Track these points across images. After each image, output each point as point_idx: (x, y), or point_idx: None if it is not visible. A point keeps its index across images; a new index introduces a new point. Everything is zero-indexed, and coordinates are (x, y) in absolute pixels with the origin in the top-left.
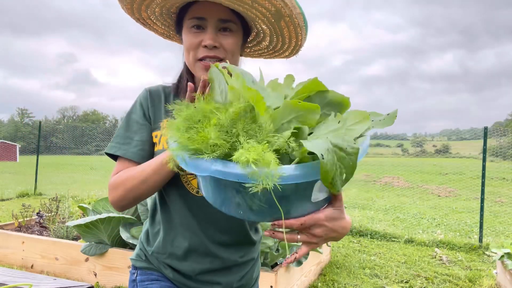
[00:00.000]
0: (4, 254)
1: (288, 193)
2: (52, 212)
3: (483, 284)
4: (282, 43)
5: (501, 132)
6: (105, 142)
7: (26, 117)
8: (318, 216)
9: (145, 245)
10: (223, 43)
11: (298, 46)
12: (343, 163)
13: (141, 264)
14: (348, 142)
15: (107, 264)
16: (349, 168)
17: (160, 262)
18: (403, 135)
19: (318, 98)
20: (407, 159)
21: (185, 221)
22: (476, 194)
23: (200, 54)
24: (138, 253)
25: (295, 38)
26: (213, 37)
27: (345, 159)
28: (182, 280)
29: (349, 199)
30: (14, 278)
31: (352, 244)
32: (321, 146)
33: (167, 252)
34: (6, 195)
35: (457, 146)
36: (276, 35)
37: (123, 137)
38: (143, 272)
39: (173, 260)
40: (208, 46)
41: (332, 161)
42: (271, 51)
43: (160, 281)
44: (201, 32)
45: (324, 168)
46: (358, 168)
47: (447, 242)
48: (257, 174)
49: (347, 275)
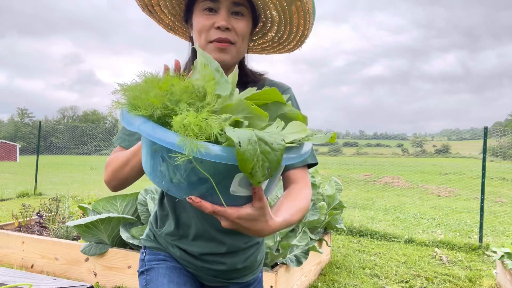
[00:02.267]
0: (4, 254)
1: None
2: (52, 212)
3: (483, 284)
4: (289, 32)
5: (501, 132)
6: (105, 142)
7: (26, 117)
8: (231, 213)
9: (154, 227)
10: (235, 26)
11: (304, 36)
12: (267, 157)
13: (149, 244)
14: (275, 139)
15: (107, 264)
16: (273, 163)
17: (168, 243)
18: (403, 135)
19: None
20: (407, 159)
21: (190, 209)
22: (476, 194)
23: (213, 36)
24: (147, 233)
25: (302, 26)
26: (226, 19)
27: (270, 153)
28: (189, 259)
29: (349, 199)
30: (14, 278)
31: (352, 244)
32: (243, 135)
33: (176, 235)
34: (6, 195)
35: (457, 146)
36: (285, 23)
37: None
38: (151, 252)
39: (182, 242)
40: (221, 28)
41: (253, 151)
42: (275, 44)
43: (166, 261)
44: (214, 15)
45: (240, 155)
46: (357, 168)
47: (447, 242)
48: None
49: (347, 275)
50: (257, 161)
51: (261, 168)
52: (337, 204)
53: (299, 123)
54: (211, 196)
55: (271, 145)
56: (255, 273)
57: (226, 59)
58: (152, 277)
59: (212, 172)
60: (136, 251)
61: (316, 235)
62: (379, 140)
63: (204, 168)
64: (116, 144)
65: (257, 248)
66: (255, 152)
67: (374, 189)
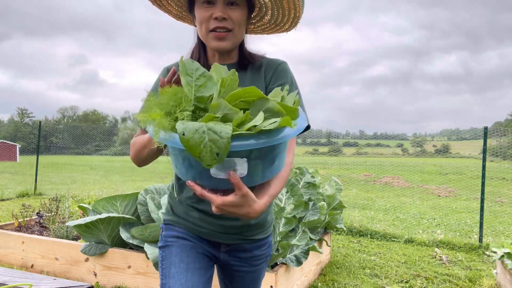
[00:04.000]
0: (4, 254)
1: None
2: (52, 212)
3: (483, 284)
4: (282, 15)
5: (501, 132)
6: (105, 142)
7: (26, 117)
8: (215, 199)
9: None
10: (231, 15)
11: (297, 18)
12: (216, 144)
13: (167, 217)
14: (224, 129)
15: (107, 264)
16: (221, 149)
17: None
18: (403, 135)
19: (260, 102)
20: (407, 159)
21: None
22: (476, 194)
23: (212, 25)
24: (166, 207)
25: (293, 9)
26: (222, 10)
27: (218, 141)
28: (208, 219)
29: (349, 199)
30: (14, 278)
31: (352, 244)
32: (190, 126)
33: (195, 197)
34: (6, 195)
35: (457, 146)
36: (277, 8)
37: None
38: (168, 227)
39: (200, 204)
40: (218, 18)
41: (199, 139)
42: (272, 25)
43: (179, 238)
44: (212, 7)
45: (185, 142)
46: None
47: (447, 242)
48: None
49: (347, 275)
50: (204, 147)
51: (210, 153)
52: (337, 204)
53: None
54: (200, 180)
55: (219, 133)
56: (266, 233)
57: (225, 46)
58: (166, 255)
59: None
60: (136, 251)
61: (316, 235)
62: (379, 140)
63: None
64: (138, 126)
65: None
66: (202, 140)
67: (374, 189)
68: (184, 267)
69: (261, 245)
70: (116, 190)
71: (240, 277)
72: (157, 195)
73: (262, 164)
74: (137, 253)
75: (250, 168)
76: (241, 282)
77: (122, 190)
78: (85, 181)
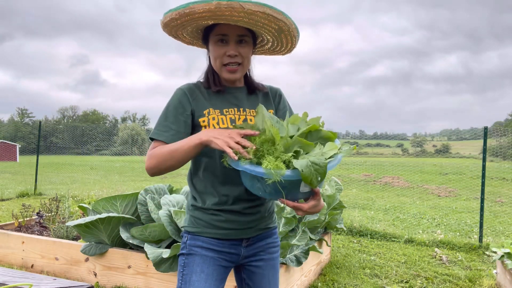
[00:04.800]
0: (4, 254)
1: (286, 185)
2: (52, 212)
3: (483, 284)
4: (280, 46)
5: (501, 132)
6: (105, 142)
7: (26, 117)
8: (303, 206)
9: (198, 205)
10: (241, 52)
11: (293, 48)
12: (318, 171)
13: (191, 229)
14: (320, 160)
15: (107, 264)
16: (322, 174)
17: (214, 211)
18: (403, 135)
19: (315, 133)
20: (407, 159)
21: (228, 184)
22: (476, 194)
23: (225, 61)
24: (188, 219)
25: (290, 43)
26: (234, 48)
27: (319, 169)
28: (233, 217)
29: (349, 199)
30: (14, 278)
31: (352, 244)
32: (302, 163)
33: (220, 202)
34: (6, 195)
35: (457, 146)
36: (277, 42)
37: (163, 125)
38: (192, 237)
39: (225, 207)
40: (231, 55)
41: (310, 170)
42: (271, 51)
43: (203, 248)
44: (225, 45)
45: (302, 175)
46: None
47: (447, 242)
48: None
49: (347, 275)
50: (312, 175)
51: (315, 178)
52: (337, 204)
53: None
54: (289, 195)
55: (319, 164)
56: (274, 222)
57: (236, 77)
58: (189, 262)
59: (289, 184)
60: (136, 251)
61: (316, 235)
62: (379, 140)
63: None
64: (155, 138)
65: (272, 202)
66: (311, 171)
67: (374, 189)
68: (204, 277)
69: (272, 233)
70: (116, 190)
71: (260, 274)
72: (157, 195)
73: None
74: (137, 253)
75: None
76: (261, 275)
77: (122, 190)
78: (85, 181)
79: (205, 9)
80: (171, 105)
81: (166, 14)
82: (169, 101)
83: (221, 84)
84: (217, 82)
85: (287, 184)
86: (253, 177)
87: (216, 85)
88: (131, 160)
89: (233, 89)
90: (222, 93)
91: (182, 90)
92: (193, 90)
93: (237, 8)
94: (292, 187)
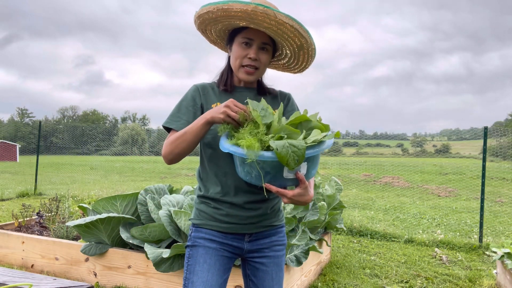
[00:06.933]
0: (4, 254)
1: (268, 169)
2: (52, 212)
3: (483, 284)
4: (296, 62)
5: (501, 132)
6: (105, 142)
7: (26, 117)
8: (287, 192)
9: (202, 192)
10: (261, 58)
11: (306, 67)
12: (296, 153)
13: (196, 221)
14: (299, 143)
15: (107, 264)
16: (300, 156)
17: (216, 200)
18: (403, 135)
19: (305, 124)
20: (407, 159)
21: (229, 174)
22: (476, 194)
23: (245, 62)
24: (194, 212)
25: (305, 62)
26: (256, 53)
27: (297, 151)
28: (234, 211)
29: (349, 199)
30: (14, 278)
31: (352, 244)
32: (279, 143)
33: (222, 192)
34: (6, 195)
35: (457, 146)
36: (294, 57)
37: (175, 116)
38: (197, 229)
39: (227, 197)
40: (252, 58)
41: (287, 151)
42: (285, 67)
43: (206, 240)
44: (248, 48)
45: (278, 154)
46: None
47: (447, 242)
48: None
49: (347, 275)
50: (289, 156)
51: (293, 160)
52: (337, 204)
53: (317, 130)
54: (275, 181)
55: (297, 146)
56: (280, 221)
57: (251, 79)
58: (193, 253)
59: (270, 166)
60: (136, 251)
61: (316, 235)
62: (379, 140)
63: (265, 165)
64: (166, 126)
65: (278, 200)
66: (288, 151)
67: (374, 189)
68: (206, 267)
69: (278, 232)
70: (116, 190)
71: (264, 271)
72: (157, 195)
73: (312, 165)
74: (137, 253)
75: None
76: (265, 272)
77: (122, 190)
78: (85, 181)
79: (242, 9)
80: (184, 99)
81: (205, 6)
82: (184, 96)
83: (230, 85)
84: (227, 82)
85: (269, 168)
86: (242, 162)
87: (225, 85)
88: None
89: (243, 89)
90: (232, 92)
91: (195, 86)
92: (205, 87)
93: (271, 16)
94: (275, 172)
